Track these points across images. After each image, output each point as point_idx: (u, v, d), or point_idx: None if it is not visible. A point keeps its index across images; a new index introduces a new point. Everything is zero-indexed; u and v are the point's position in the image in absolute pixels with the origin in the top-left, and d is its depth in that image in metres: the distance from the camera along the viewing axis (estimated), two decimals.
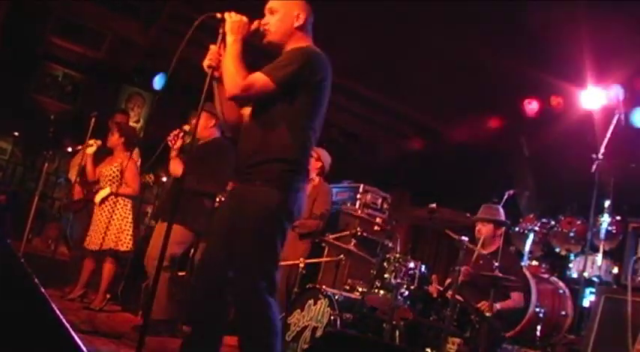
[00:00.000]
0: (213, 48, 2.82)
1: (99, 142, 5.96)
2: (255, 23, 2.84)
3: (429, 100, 7.89)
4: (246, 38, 2.81)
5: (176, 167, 4.78)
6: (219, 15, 2.79)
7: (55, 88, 8.91)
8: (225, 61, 2.76)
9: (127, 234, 5.68)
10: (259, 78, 2.71)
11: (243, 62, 2.75)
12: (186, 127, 4.86)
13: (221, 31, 2.80)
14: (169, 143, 4.76)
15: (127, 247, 5.67)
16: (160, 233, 4.59)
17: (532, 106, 6.98)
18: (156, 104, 9.05)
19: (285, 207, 2.74)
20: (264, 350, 2.70)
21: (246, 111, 2.97)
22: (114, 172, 5.77)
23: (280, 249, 2.79)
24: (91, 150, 5.89)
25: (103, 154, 6.02)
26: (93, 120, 5.92)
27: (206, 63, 2.81)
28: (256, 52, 2.87)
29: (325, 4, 2.96)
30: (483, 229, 4.97)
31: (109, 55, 8.45)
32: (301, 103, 2.79)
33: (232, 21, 2.78)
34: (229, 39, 2.78)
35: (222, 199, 4.78)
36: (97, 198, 5.70)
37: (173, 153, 4.81)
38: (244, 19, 2.81)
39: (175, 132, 4.81)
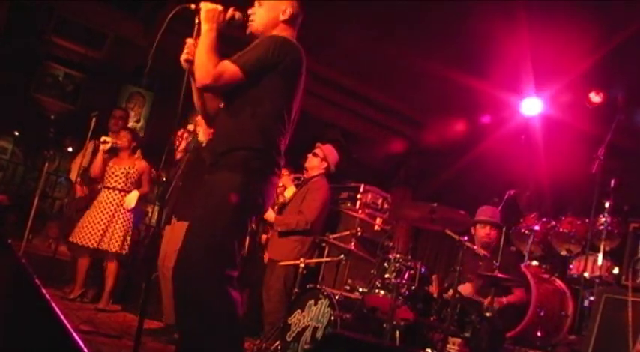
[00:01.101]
0: (189, 41, 2.79)
1: (114, 140, 5.93)
2: (230, 11, 2.81)
3: (429, 100, 7.90)
4: (222, 27, 2.76)
5: (207, 132, 4.50)
6: (193, 6, 2.76)
7: (56, 88, 8.92)
8: (198, 50, 2.70)
9: (129, 238, 5.69)
10: (228, 66, 2.66)
11: (217, 52, 2.69)
12: (191, 127, 4.73)
13: (196, 21, 2.76)
14: (174, 144, 4.64)
15: (126, 250, 5.68)
16: (180, 233, 4.39)
17: (532, 105, 6.97)
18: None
19: (248, 194, 2.66)
20: (201, 338, 2.57)
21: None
22: (135, 174, 5.78)
23: (239, 238, 2.71)
24: (106, 146, 5.81)
25: (110, 154, 6.00)
26: (94, 120, 5.92)
27: (183, 57, 2.79)
28: (238, 44, 2.83)
29: (325, 4, 2.96)
30: (492, 233, 5.05)
31: (109, 55, 8.46)
32: (267, 90, 2.73)
33: (207, 9, 2.74)
34: (204, 28, 2.73)
35: None
36: (131, 203, 5.65)
37: (178, 155, 4.69)
38: (219, 7, 2.77)
39: (179, 132, 4.68)
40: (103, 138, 5.79)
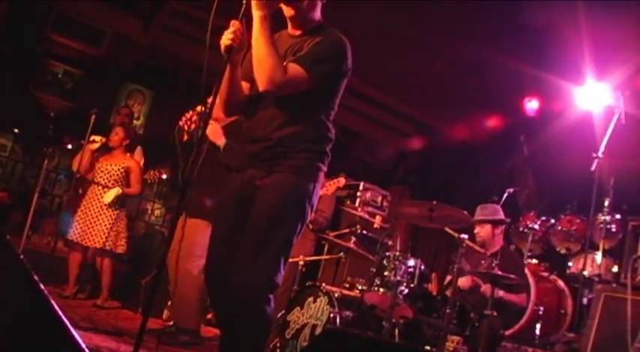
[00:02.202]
0: (236, 24, 2.43)
1: (103, 139, 5.91)
2: None
3: (429, 98, 7.89)
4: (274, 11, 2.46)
5: (216, 132, 4.27)
6: None
7: (55, 85, 8.90)
8: (259, 46, 2.41)
9: (124, 237, 5.68)
10: (299, 74, 2.46)
11: (277, 47, 2.45)
12: (200, 108, 4.48)
13: (244, 1, 2.39)
14: (183, 127, 4.44)
15: (123, 250, 5.67)
16: (194, 231, 4.26)
17: (532, 105, 6.97)
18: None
19: (311, 199, 2.59)
20: (254, 348, 2.55)
21: (245, 85, 2.71)
22: (120, 172, 5.74)
23: (295, 241, 2.61)
24: (94, 146, 5.81)
25: (101, 151, 5.99)
26: (93, 117, 5.90)
27: (226, 42, 2.43)
28: None
29: (326, 3, 2.94)
30: (482, 231, 4.94)
31: (109, 53, 8.44)
32: (328, 93, 2.64)
33: None
34: (256, 14, 2.39)
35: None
36: (108, 199, 5.60)
37: (186, 137, 4.51)
38: None
39: (188, 115, 4.45)
40: (92, 138, 5.78)
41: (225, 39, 2.43)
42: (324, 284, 4.46)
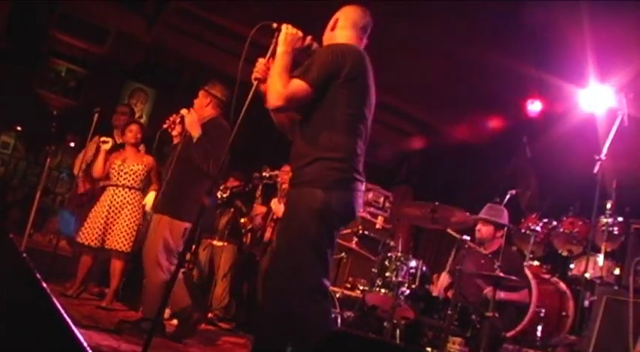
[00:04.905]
0: (261, 61, 2.84)
1: (115, 139, 5.85)
2: (308, 39, 2.87)
3: (431, 99, 7.89)
4: (296, 53, 2.83)
5: (193, 123, 4.40)
6: (274, 25, 2.80)
7: (58, 84, 8.91)
8: (273, 72, 2.75)
9: (132, 236, 5.59)
10: (297, 84, 2.71)
11: (289, 75, 2.74)
12: (184, 111, 4.58)
13: (274, 41, 2.81)
14: (167, 130, 4.55)
15: (127, 249, 5.58)
16: (154, 226, 4.42)
17: (535, 106, 6.97)
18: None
19: (330, 207, 2.68)
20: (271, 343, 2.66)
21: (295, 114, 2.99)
22: (145, 171, 5.65)
23: (329, 252, 2.73)
24: (107, 146, 5.66)
25: (111, 151, 5.94)
26: (96, 115, 5.88)
27: (253, 75, 2.84)
28: None
29: (326, 3, 2.97)
30: (483, 229, 4.98)
31: (112, 51, 8.45)
32: (336, 99, 2.77)
33: (287, 32, 2.80)
34: (280, 50, 2.78)
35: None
36: (149, 204, 5.48)
37: (175, 140, 4.59)
38: (299, 33, 2.83)
39: (172, 117, 4.55)
40: (103, 139, 5.67)
41: (254, 73, 2.85)
42: None
